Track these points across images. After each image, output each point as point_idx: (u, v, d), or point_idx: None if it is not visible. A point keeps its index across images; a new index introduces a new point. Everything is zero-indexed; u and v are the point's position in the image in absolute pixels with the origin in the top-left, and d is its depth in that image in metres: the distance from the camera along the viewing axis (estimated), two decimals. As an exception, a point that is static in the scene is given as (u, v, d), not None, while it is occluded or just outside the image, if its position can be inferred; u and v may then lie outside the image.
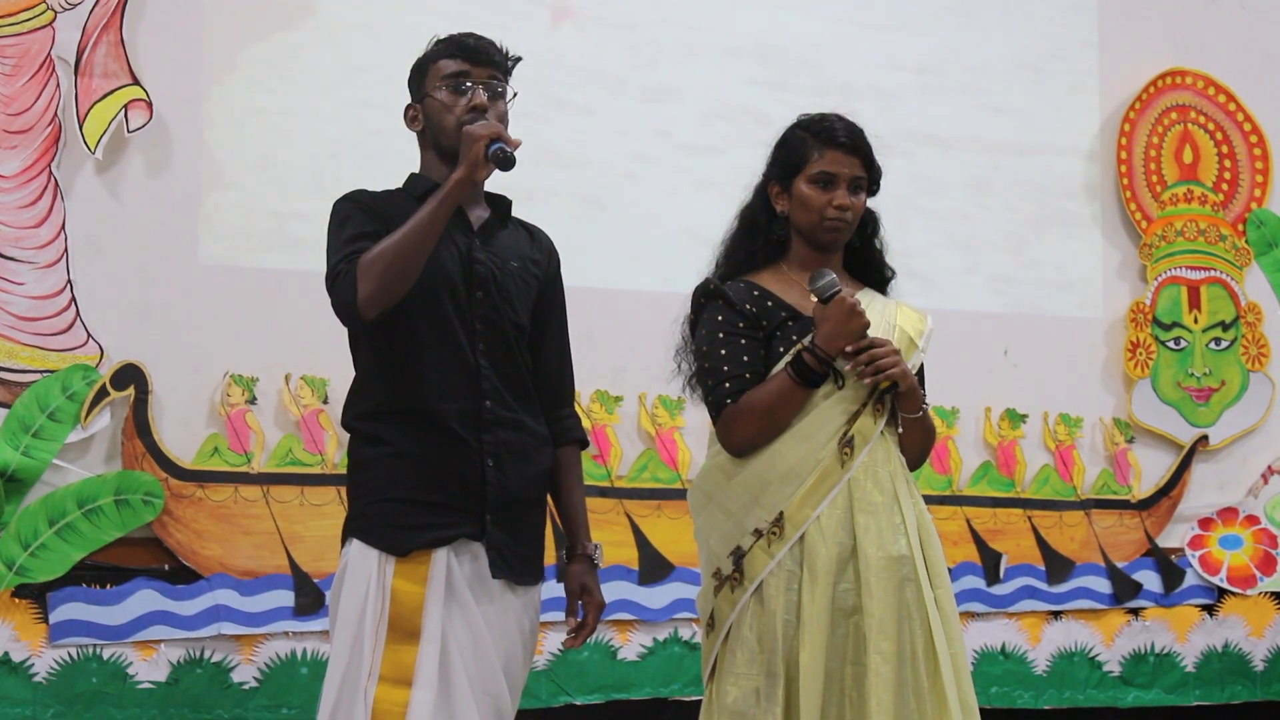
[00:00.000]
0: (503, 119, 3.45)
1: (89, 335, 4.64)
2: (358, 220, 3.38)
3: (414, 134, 3.58)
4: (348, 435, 3.49)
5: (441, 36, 3.54)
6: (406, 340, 3.36)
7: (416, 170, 3.57)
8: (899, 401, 3.50)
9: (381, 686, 3.23)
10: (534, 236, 3.62)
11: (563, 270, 3.66)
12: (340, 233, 3.37)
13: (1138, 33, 6.42)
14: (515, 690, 3.44)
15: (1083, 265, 6.26)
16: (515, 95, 3.52)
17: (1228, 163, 6.44)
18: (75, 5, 4.69)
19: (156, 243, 4.76)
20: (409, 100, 3.57)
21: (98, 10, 4.70)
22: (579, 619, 3.59)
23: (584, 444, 3.68)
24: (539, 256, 3.58)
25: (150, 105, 4.73)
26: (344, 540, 3.41)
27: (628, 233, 5.41)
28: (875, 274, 3.71)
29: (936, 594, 3.46)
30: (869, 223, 3.68)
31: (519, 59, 3.56)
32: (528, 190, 3.44)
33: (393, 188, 3.53)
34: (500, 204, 3.57)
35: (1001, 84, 6.15)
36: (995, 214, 6.10)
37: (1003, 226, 6.11)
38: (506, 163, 3.28)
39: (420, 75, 3.53)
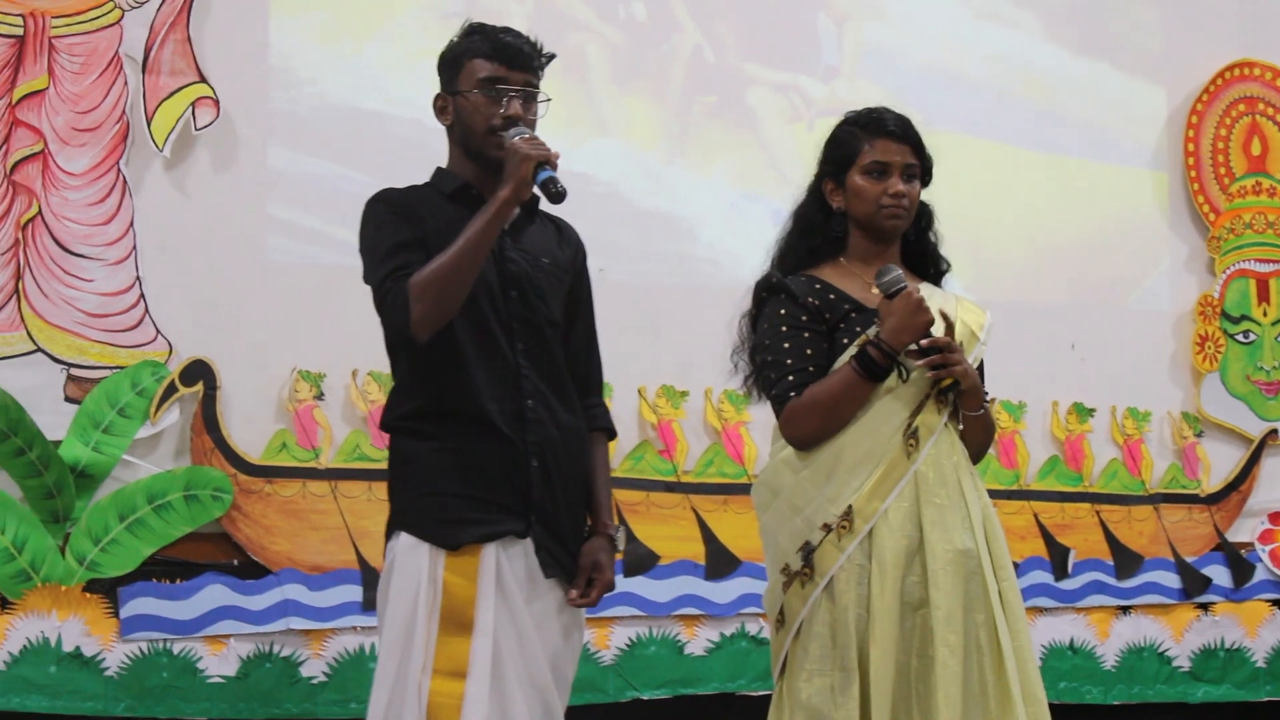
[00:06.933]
0: (533, 125, 3.40)
1: (158, 332, 4.66)
2: (392, 226, 3.35)
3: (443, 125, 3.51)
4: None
5: (474, 24, 3.46)
6: (447, 344, 3.33)
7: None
8: (961, 399, 3.48)
9: (436, 679, 3.21)
10: (561, 231, 3.58)
11: (629, 267, 3.64)
12: (377, 242, 3.35)
13: (1205, 24, 6.39)
14: (563, 688, 3.41)
15: (1150, 258, 6.22)
16: (549, 100, 3.46)
17: (1296, 154, 6.40)
18: (142, 4, 4.71)
19: (224, 239, 4.78)
20: (439, 89, 3.49)
21: (165, 9, 4.72)
22: (582, 592, 3.42)
23: (611, 433, 3.65)
24: (566, 251, 3.55)
25: (217, 103, 4.75)
26: (389, 534, 3.38)
27: (697, 228, 5.41)
28: (931, 267, 3.70)
29: (1002, 587, 3.45)
30: (923, 215, 3.67)
31: (553, 55, 3.49)
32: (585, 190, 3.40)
33: (418, 183, 3.49)
34: (529, 199, 3.53)
35: (1068, 77, 6.12)
36: (1062, 207, 6.07)
37: (1069, 220, 6.08)
38: (558, 197, 3.24)
39: (453, 68, 3.45)
